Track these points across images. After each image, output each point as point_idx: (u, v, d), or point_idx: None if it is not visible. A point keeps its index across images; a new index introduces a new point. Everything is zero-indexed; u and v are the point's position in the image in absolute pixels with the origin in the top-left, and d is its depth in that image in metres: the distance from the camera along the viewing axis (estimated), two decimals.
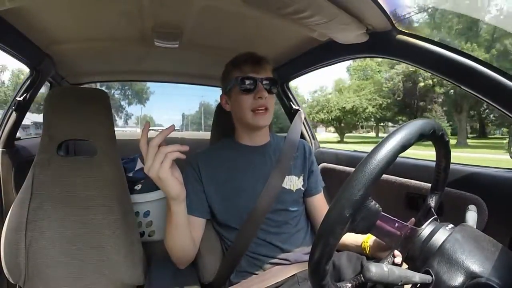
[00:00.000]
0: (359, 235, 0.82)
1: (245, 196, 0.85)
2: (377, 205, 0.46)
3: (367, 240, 0.81)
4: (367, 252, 0.80)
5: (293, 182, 0.90)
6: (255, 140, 0.91)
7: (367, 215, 0.45)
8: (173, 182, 0.63)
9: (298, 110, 1.34)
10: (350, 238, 0.85)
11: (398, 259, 0.62)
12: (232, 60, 0.88)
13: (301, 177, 0.92)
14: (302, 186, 0.92)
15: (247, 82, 0.83)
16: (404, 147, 0.42)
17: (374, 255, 0.79)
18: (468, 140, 18.03)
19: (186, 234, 0.76)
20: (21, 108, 1.12)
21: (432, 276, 0.40)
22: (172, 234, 0.74)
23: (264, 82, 0.83)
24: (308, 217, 0.95)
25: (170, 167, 0.61)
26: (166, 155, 0.59)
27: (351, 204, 0.40)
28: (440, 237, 0.43)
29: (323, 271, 0.43)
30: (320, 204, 0.94)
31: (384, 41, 0.79)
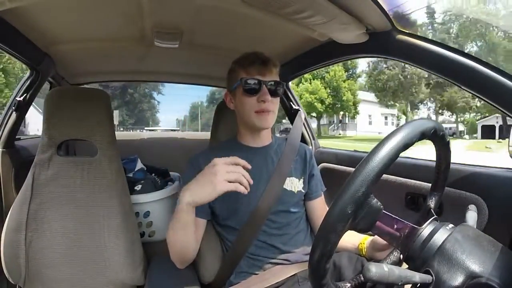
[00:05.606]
0: (356, 236, 0.83)
1: (246, 197, 0.84)
2: (379, 203, 0.46)
3: (364, 241, 0.81)
4: (364, 253, 0.80)
5: (294, 184, 0.90)
6: (258, 141, 0.91)
7: (369, 213, 0.45)
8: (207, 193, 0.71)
9: (298, 110, 1.33)
10: (347, 239, 0.84)
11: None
12: (239, 59, 0.87)
13: (302, 180, 0.92)
14: (303, 188, 0.91)
15: (252, 84, 0.82)
16: (406, 145, 0.42)
17: (371, 256, 0.79)
18: None
19: (191, 233, 0.76)
20: (21, 108, 1.12)
21: (432, 276, 0.40)
22: (178, 230, 0.73)
23: (269, 84, 0.83)
24: (307, 220, 0.94)
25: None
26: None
27: (353, 201, 0.40)
28: (440, 237, 0.43)
29: (323, 269, 0.43)
30: (320, 208, 0.94)
31: (384, 41, 0.79)
